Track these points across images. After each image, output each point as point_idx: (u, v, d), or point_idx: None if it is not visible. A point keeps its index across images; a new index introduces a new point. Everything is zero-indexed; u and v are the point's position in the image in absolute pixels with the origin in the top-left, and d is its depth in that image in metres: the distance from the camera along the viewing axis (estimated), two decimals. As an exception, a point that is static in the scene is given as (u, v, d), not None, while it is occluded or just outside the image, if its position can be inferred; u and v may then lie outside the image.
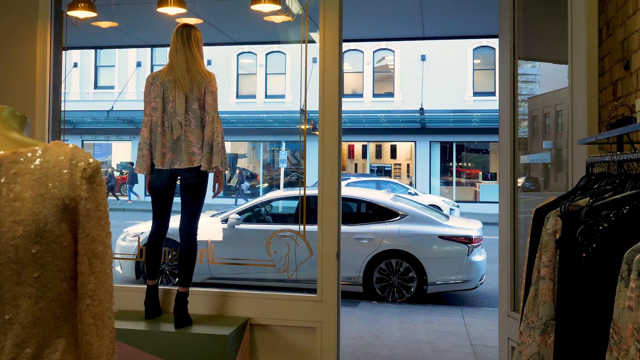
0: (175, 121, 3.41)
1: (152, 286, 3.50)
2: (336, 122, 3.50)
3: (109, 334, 1.33)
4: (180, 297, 3.41)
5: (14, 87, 3.81)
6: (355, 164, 26.89)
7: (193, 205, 3.47)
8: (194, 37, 3.49)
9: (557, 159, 3.90)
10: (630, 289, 1.34)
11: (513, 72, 3.40)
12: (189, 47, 3.46)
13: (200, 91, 3.41)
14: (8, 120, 1.37)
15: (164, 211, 3.55)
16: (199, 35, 3.52)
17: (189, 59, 3.44)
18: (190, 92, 3.40)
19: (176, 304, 3.39)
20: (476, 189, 24.14)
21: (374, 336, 5.68)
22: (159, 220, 3.55)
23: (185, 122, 3.40)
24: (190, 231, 3.47)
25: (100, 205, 1.32)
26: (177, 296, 3.41)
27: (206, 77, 3.43)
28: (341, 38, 3.54)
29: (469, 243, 7.25)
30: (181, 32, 3.48)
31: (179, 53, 3.45)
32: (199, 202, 3.49)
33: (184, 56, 3.44)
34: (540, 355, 1.97)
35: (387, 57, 24.72)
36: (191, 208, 3.47)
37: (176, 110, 3.41)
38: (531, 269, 2.16)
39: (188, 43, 3.46)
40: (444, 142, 24.13)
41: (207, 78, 3.43)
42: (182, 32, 3.48)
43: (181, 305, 3.39)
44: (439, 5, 5.76)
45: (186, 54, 3.45)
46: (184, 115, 3.40)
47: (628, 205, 1.68)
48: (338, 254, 3.48)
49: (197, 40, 3.50)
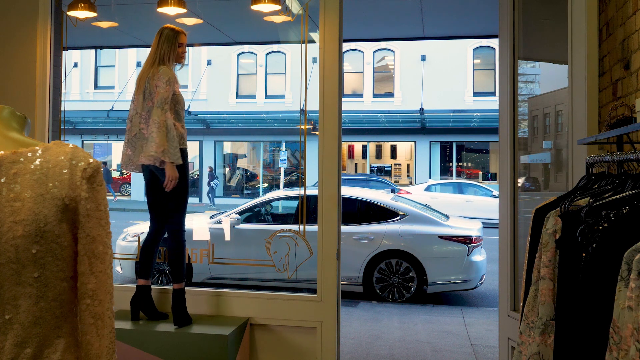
0: (135, 119, 3.47)
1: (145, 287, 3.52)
2: (336, 122, 3.50)
3: (109, 334, 1.33)
4: (174, 294, 3.42)
5: (14, 87, 3.81)
6: (355, 164, 26.89)
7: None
8: (162, 35, 3.51)
9: (557, 159, 3.90)
10: (630, 288, 1.34)
11: (513, 72, 3.40)
12: (153, 47, 3.52)
13: (151, 87, 3.45)
14: (8, 120, 1.37)
15: (149, 210, 3.59)
16: (168, 33, 3.52)
17: (149, 58, 3.53)
18: (146, 89, 3.46)
19: (173, 301, 3.40)
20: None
21: (374, 336, 5.68)
22: (150, 219, 3.61)
23: (140, 119, 3.44)
24: (172, 228, 3.49)
25: (100, 205, 1.32)
26: (173, 294, 3.43)
27: (156, 73, 3.45)
28: (341, 38, 3.54)
29: (469, 243, 7.25)
30: (157, 33, 3.56)
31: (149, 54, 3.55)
32: (173, 196, 3.47)
33: (149, 56, 3.53)
34: (540, 355, 1.97)
35: (387, 57, 24.72)
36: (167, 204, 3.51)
37: (137, 108, 3.48)
38: (531, 269, 2.16)
39: (156, 43, 3.52)
40: (444, 142, 24.13)
41: (157, 73, 3.44)
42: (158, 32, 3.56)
43: (178, 303, 3.40)
44: (439, 5, 5.76)
45: (150, 53, 3.52)
46: (140, 112, 3.45)
47: (628, 205, 1.68)
48: (338, 254, 3.48)
49: (165, 39, 3.50)
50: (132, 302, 3.48)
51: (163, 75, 3.40)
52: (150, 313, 3.48)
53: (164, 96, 3.37)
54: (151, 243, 3.54)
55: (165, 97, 3.37)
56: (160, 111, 3.34)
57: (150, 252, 3.54)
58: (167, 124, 3.34)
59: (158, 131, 3.29)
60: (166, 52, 3.50)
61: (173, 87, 3.41)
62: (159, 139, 3.28)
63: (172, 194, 3.44)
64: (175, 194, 3.44)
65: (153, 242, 3.55)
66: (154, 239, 3.55)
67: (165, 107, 3.36)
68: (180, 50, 3.56)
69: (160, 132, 3.29)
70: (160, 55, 3.49)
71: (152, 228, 3.56)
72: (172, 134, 3.34)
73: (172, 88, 3.40)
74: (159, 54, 3.49)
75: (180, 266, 3.46)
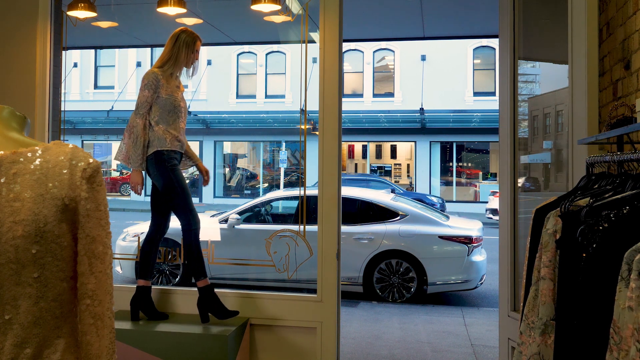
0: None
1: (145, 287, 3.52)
2: (336, 122, 3.50)
3: (109, 334, 1.33)
4: (199, 292, 3.43)
5: (14, 87, 3.81)
6: (356, 164, 26.89)
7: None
8: (179, 40, 3.51)
9: (557, 159, 3.90)
10: (630, 289, 1.34)
11: (513, 72, 3.40)
12: (165, 49, 3.54)
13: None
14: (8, 120, 1.37)
15: (150, 209, 3.60)
16: (186, 39, 3.52)
17: (158, 59, 3.56)
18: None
19: (201, 300, 3.44)
20: (476, 189, 24.14)
21: (374, 336, 5.68)
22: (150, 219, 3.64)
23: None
24: (182, 228, 3.50)
25: (100, 205, 1.32)
26: (199, 292, 3.45)
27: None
28: (341, 38, 3.54)
29: (469, 243, 7.25)
30: (172, 36, 3.56)
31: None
32: (164, 196, 3.51)
33: (159, 58, 3.56)
34: (540, 356, 1.97)
35: (387, 57, 24.71)
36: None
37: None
38: (531, 269, 2.16)
39: (169, 45, 3.52)
40: (444, 142, 24.12)
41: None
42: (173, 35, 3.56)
43: (206, 299, 3.42)
44: (439, 6, 5.76)
45: (161, 55, 3.55)
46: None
47: (628, 205, 1.68)
48: (338, 254, 3.48)
49: (183, 43, 3.50)
50: (132, 303, 3.48)
51: (143, 79, 3.46)
52: (150, 313, 3.48)
53: (139, 101, 3.44)
54: (150, 243, 3.54)
55: (140, 102, 3.44)
56: (133, 116, 3.45)
57: (149, 252, 3.54)
58: (136, 129, 3.41)
59: (128, 137, 3.43)
60: (167, 53, 3.50)
61: (152, 91, 3.42)
62: (127, 145, 3.44)
63: (164, 196, 3.47)
64: (166, 196, 3.47)
65: (152, 242, 3.54)
66: (152, 239, 3.55)
67: (141, 111, 3.42)
68: (194, 56, 3.55)
69: (130, 139, 3.41)
70: (168, 58, 3.50)
71: (151, 228, 3.57)
72: (137, 139, 3.40)
73: (150, 92, 3.42)
74: (168, 57, 3.50)
75: (196, 263, 3.46)
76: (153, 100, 3.43)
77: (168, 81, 3.48)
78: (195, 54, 3.56)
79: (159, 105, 3.44)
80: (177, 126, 3.50)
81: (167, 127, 3.45)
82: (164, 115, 3.45)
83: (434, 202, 18.05)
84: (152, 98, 3.42)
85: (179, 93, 3.55)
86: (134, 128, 3.41)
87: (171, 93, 3.47)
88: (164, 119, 3.45)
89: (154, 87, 3.42)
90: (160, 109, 3.44)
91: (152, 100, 3.43)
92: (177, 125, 3.50)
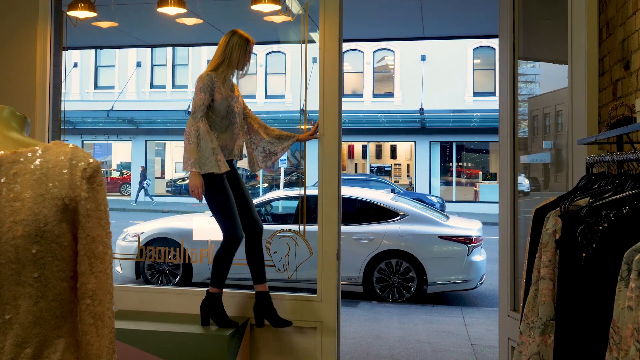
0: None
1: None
2: (336, 122, 3.50)
3: (109, 334, 1.33)
4: (207, 297, 3.41)
5: (14, 87, 3.82)
6: (355, 164, 26.89)
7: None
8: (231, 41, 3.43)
9: (557, 159, 3.90)
10: (630, 289, 1.34)
11: (513, 72, 3.40)
12: (217, 51, 3.46)
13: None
14: (8, 120, 1.37)
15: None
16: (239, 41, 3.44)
17: (210, 62, 3.48)
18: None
19: (204, 304, 3.42)
20: (476, 189, 24.14)
21: (374, 336, 5.68)
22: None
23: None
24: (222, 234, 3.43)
25: (100, 205, 1.32)
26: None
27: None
28: (341, 38, 3.54)
29: (468, 243, 7.25)
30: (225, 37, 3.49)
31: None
32: (210, 206, 3.43)
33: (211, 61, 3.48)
34: (540, 355, 1.97)
35: (387, 57, 24.72)
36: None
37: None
38: (531, 269, 2.16)
39: (222, 47, 3.45)
40: (444, 142, 24.13)
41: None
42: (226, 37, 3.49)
43: (209, 305, 3.40)
44: (439, 6, 5.76)
45: (213, 58, 3.48)
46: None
47: (628, 205, 1.68)
48: (338, 254, 3.48)
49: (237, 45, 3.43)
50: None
51: (197, 82, 3.35)
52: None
53: (195, 105, 3.31)
54: (247, 248, 3.51)
55: (196, 106, 3.30)
56: (191, 120, 3.30)
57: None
58: (198, 133, 3.26)
59: (188, 143, 3.27)
60: (217, 57, 3.43)
61: (209, 94, 3.32)
62: (188, 152, 3.25)
63: (208, 203, 3.39)
64: (209, 203, 3.39)
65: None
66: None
67: (199, 115, 3.28)
68: (246, 58, 3.47)
69: (191, 144, 3.25)
70: (221, 61, 3.41)
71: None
72: (201, 142, 3.26)
73: (206, 95, 3.30)
74: (220, 59, 3.41)
75: (215, 270, 3.41)
76: (209, 103, 3.33)
77: (223, 84, 3.39)
78: (247, 55, 3.47)
79: (213, 110, 3.35)
80: (231, 132, 3.41)
81: (220, 134, 3.36)
82: (217, 120, 3.36)
83: (434, 202, 18.07)
84: (208, 101, 3.31)
85: (234, 97, 3.45)
86: (194, 132, 3.25)
87: (225, 97, 3.37)
88: (217, 124, 3.36)
89: (209, 89, 3.31)
90: (213, 114, 3.35)
91: (208, 103, 3.32)
92: (232, 131, 3.41)
